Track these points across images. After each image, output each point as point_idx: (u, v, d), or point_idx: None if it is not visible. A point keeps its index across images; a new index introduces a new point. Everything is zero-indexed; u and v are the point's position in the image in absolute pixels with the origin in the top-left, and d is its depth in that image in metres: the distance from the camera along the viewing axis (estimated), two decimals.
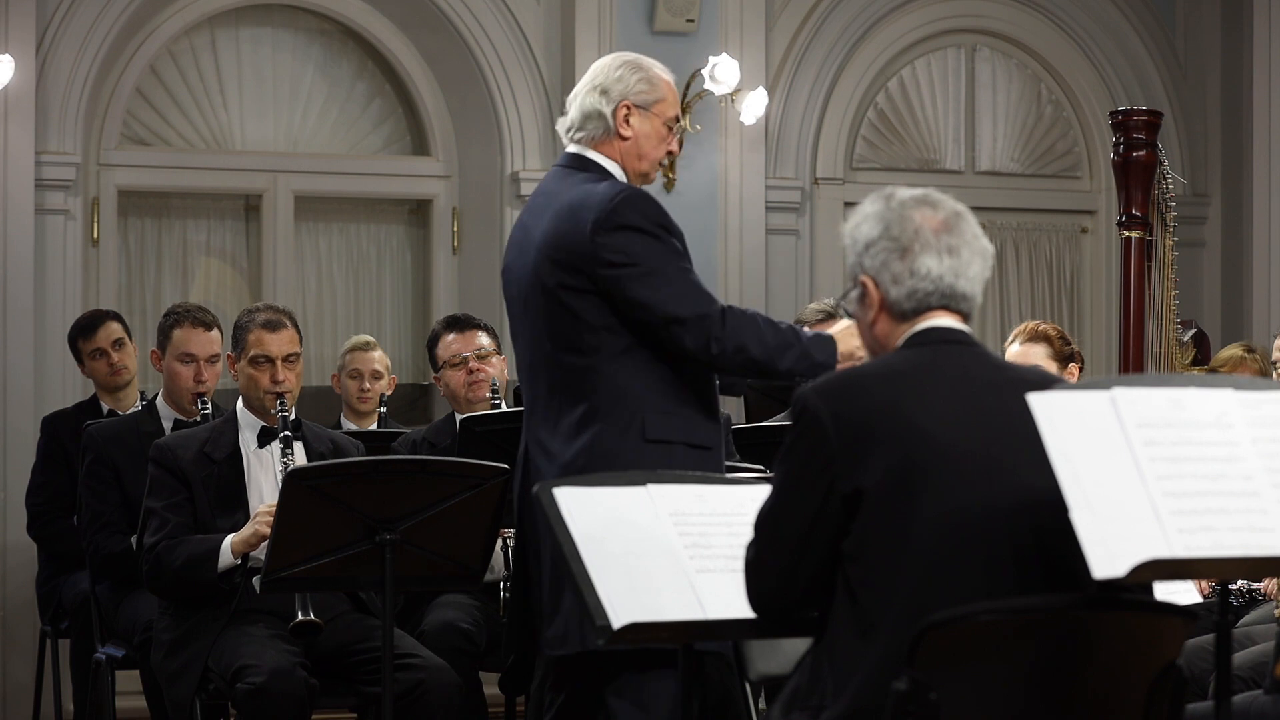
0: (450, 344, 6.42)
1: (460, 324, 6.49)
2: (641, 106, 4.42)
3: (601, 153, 4.42)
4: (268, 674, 5.05)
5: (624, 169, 4.42)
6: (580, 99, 4.45)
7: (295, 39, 9.10)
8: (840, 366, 4.34)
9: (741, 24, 9.03)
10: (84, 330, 7.16)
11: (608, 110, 4.41)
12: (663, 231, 4.30)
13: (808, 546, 3.18)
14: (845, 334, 4.38)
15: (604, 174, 4.39)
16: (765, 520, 3.26)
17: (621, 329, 4.28)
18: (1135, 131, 5.95)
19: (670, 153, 4.50)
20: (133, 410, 6.77)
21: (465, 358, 6.38)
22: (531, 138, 8.89)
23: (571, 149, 4.47)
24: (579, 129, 4.45)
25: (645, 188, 4.47)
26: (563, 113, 4.54)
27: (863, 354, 4.10)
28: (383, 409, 7.60)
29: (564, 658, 4.27)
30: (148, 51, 8.75)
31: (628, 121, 4.41)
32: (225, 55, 8.97)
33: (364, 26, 9.06)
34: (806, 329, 4.45)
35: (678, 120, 4.51)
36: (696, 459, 4.29)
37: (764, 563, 3.25)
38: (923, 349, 3.27)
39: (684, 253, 4.35)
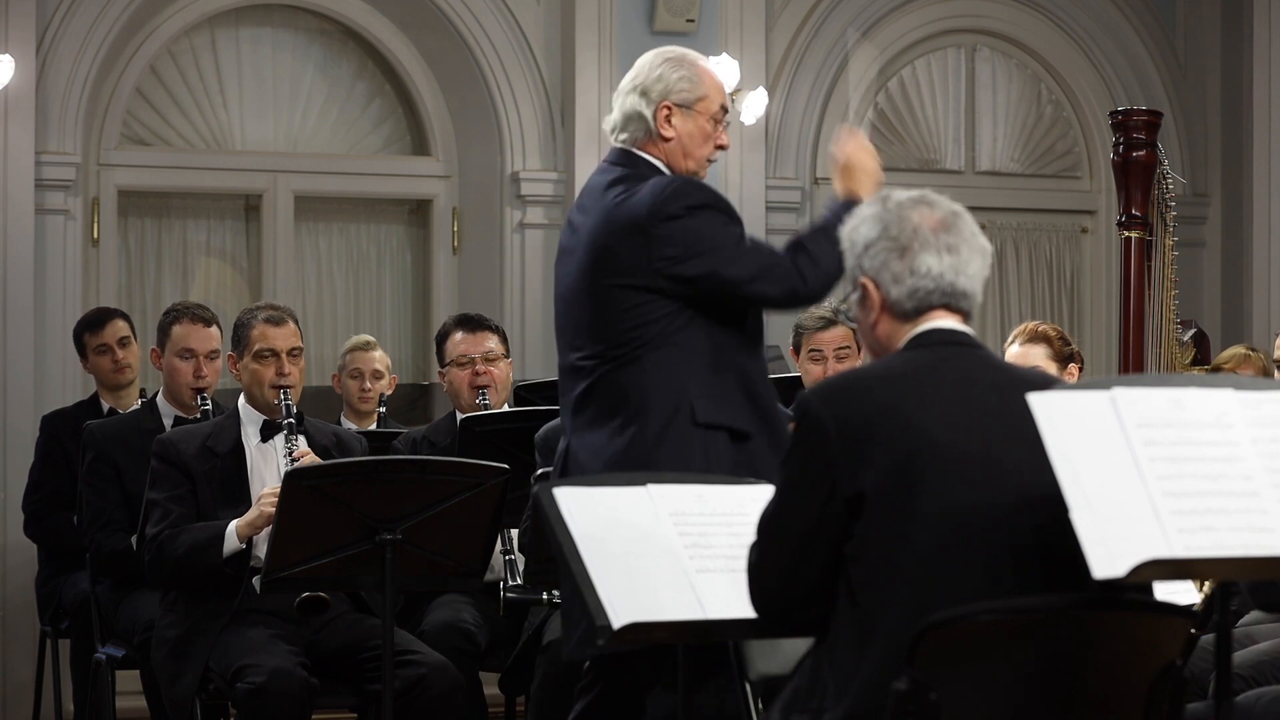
0: (459, 343, 6.39)
1: (472, 324, 6.45)
2: (683, 105, 4.37)
3: (647, 152, 4.38)
4: (268, 674, 5.05)
5: (670, 169, 4.38)
6: (622, 99, 4.41)
7: (295, 39, 9.10)
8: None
9: (741, 24, 9.03)
10: (91, 325, 7.14)
11: (648, 112, 4.36)
12: (712, 209, 4.28)
13: (810, 548, 3.18)
14: (849, 184, 4.41)
15: (652, 171, 4.36)
16: (768, 523, 3.26)
17: (667, 320, 4.25)
18: (1135, 131, 5.95)
19: (720, 147, 4.45)
20: (133, 409, 6.77)
21: (472, 358, 6.35)
22: (531, 138, 8.89)
23: (618, 146, 4.43)
24: (621, 130, 4.41)
25: None
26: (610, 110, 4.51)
27: (875, 173, 4.30)
28: (381, 409, 7.59)
29: (600, 655, 4.26)
30: (148, 51, 8.75)
31: (669, 122, 4.36)
32: (225, 55, 8.97)
33: (364, 26, 9.06)
34: (827, 214, 4.43)
35: (725, 112, 4.45)
36: (738, 450, 4.27)
37: (766, 565, 3.25)
38: (924, 350, 3.27)
39: (737, 220, 4.34)
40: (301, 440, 5.48)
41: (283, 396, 5.46)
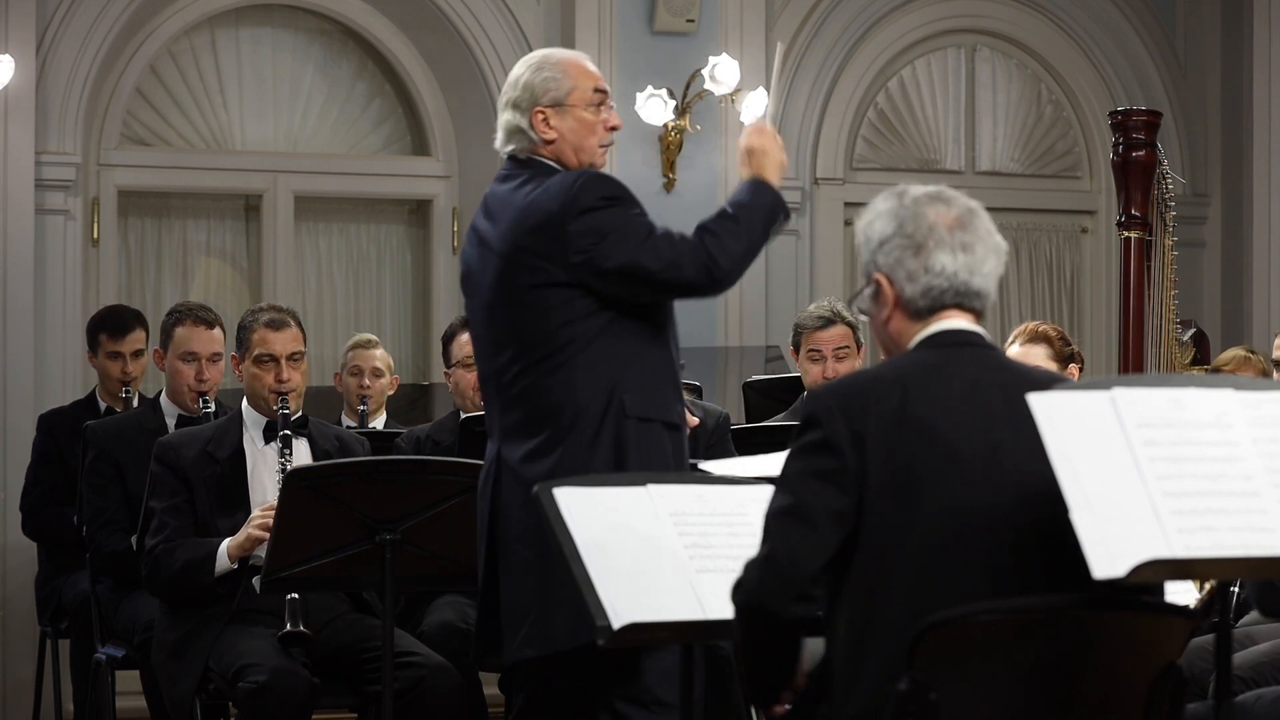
0: (465, 344, 6.37)
1: None
2: (555, 105, 4.35)
3: (539, 156, 4.38)
4: (270, 673, 5.05)
5: (564, 166, 4.36)
6: (501, 118, 4.41)
7: (295, 39, 9.10)
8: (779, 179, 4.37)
9: (741, 24, 9.03)
10: (112, 329, 7.09)
11: (524, 123, 4.35)
12: (625, 202, 4.27)
13: (819, 538, 3.15)
14: (759, 166, 4.41)
15: (549, 171, 4.34)
16: (776, 515, 3.21)
17: (592, 317, 4.23)
18: (1135, 131, 5.96)
19: (613, 128, 4.42)
20: (135, 408, 6.77)
21: None
22: None
23: (509, 154, 4.42)
24: (507, 144, 4.41)
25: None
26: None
27: (779, 156, 4.32)
28: (362, 407, 7.58)
29: (522, 661, 4.25)
30: (148, 51, 8.75)
31: (548, 125, 4.34)
32: (225, 55, 8.97)
33: (364, 26, 9.07)
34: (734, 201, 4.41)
35: (603, 94, 4.41)
36: (671, 440, 4.27)
37: (774, 555, 3.19)
38: (934, 351, 3.26)
39: (643, 209, 4.32)
40: (303, 450, 5.47)
41: (281, 403, 5.44)
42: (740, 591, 3.21)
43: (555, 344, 4.23)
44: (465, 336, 6.39)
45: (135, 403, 6.92)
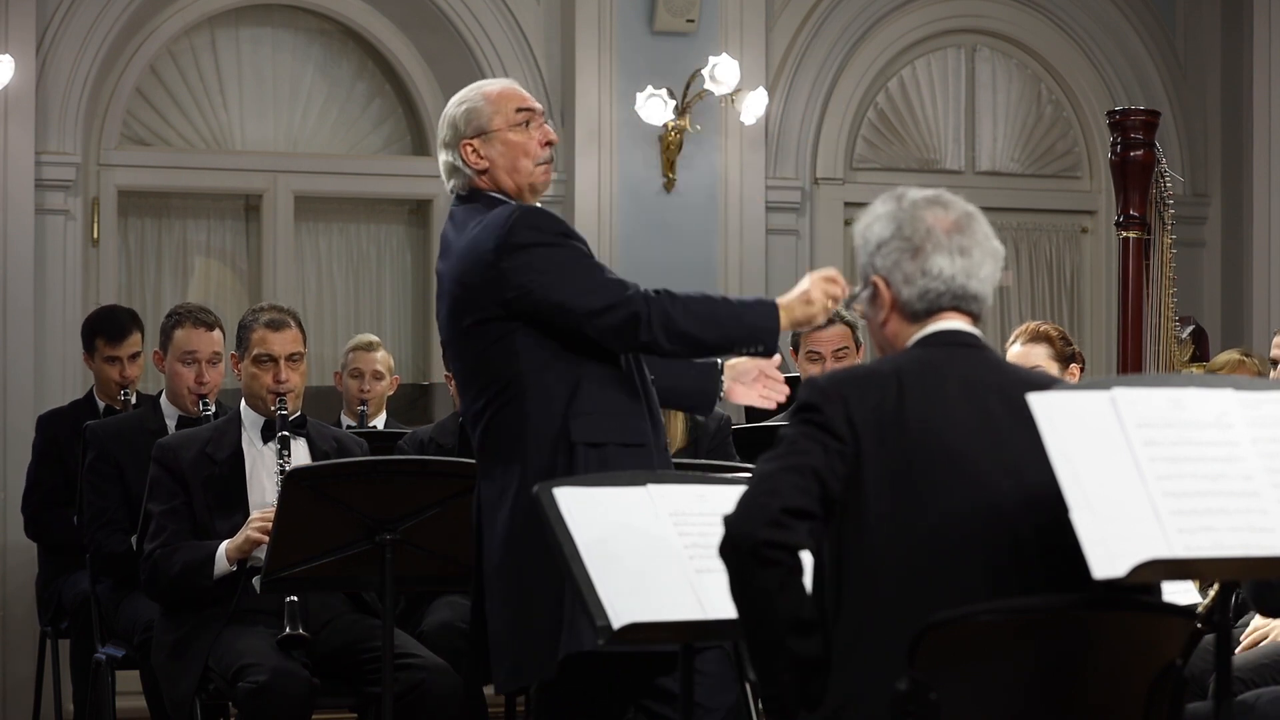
0: None
1: None
2: (479, 134, 4.38)
3: (479, 188, 4.39)
4: (270, 673, 5.06)
5: (504, 192, 4.37)
6: (439, 162, 4.45)
7: (295, 39, 9.10)
8: (793, 329, 4.26)
9: (741, 24, 9.03)
10: (110, 334, 7.06)
11: (457, 160, 4.39)
12: (562, 238, 4.26)
13: (802, 481, 3.13)
14: (795, 301, 4.25)
15: (491, 201, 4.35)
16: (763, 461, 3.20)
17: (538, 350, 4.21)
18: (1133, 131, 5.96)
19: (550, 143, 4.43)
20: (136, 409, 6.76)
21: None
22: None
23: (454, 195, 4.45)
24: (450, 183, 4.44)
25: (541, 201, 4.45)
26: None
27: (819, 315, 4.17)
28: (362, 407, 7.59)
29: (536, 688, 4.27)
30: (148, 51, 8.75)
31: (477, 155, 4.37)
32: (225, 55, 8.97)
33: (364, 26, 9.07)
34: (743, 297, 4.34)
35: (529, 112, 4.43)
36: (630, 456, 4.22)
37: (753, 488, 3.17)
38: (931, 349, 3.27)
39: (589, 253, 4.30)
40: (302, 450, 5.47)
41: (279, 404, 5.44)
42: (723, 534, 3.18)
43: (504, 379, 4.23)
44: None
45: (134, 403, 6.92)
